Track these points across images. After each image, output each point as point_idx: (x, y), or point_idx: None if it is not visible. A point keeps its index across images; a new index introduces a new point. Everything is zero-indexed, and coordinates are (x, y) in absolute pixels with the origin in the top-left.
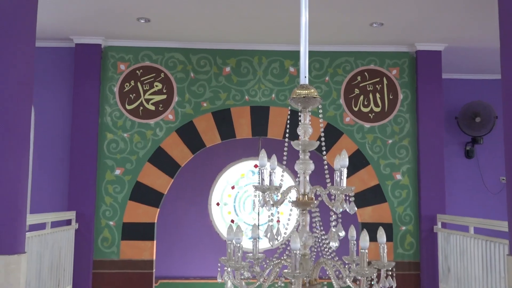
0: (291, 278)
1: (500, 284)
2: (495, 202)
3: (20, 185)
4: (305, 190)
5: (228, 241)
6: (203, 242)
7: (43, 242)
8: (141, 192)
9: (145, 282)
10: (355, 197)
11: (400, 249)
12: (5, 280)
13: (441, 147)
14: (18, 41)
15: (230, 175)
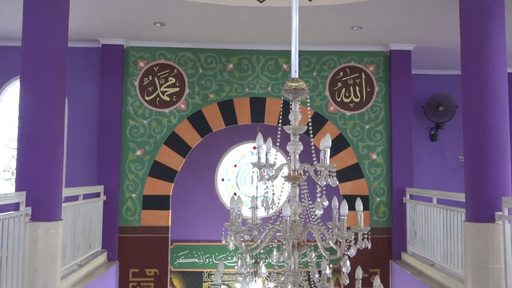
0: (283, 240)
1: (458, 245)
2: (454, 177)
3: (57, 164)
4: (295, 167)
5: (231, 210)
6: (210, 211)
7: (76, 211)
8: (158, 170)
9: (162, 244)
10: (337, 174)
11: (375, 216)
12: (46, 242)
13: (410, 131)
14: (53, 42)
15: (232, 155)
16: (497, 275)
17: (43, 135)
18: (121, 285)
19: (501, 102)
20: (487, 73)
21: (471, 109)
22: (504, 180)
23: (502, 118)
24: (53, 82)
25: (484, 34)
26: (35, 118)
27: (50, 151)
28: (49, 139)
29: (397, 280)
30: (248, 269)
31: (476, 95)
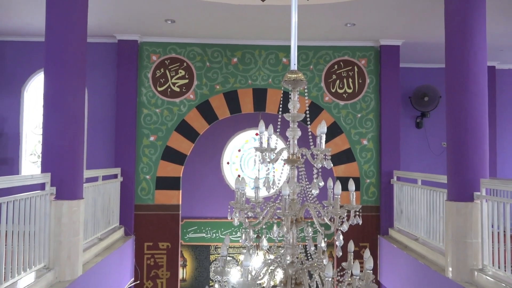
0: (282, 217)
1: (439, 222)
2: (437, 161)
3: (78, 149)
4: (294, 151)
5: (236, 190)
6: (216, 191)
7: (96, 191)
8: (169, 154)
9: (173, 221)
10: (331, 157)
11: (365, 196)
12: (69, 219)
13: (398, 119)
14: (74, 37)
15: (237, 141)
16: (475, 249)
17: (66, 122)
18: (137, 257)
19: (481, 93)
20: (469, 66)
21: (453, 99)
22: (482, 163)
23: (482, 107)
24: (74, 74)
25: (467, 30)
26: (58, 107)
27: (72, 136)
28: (71, 125)
29: (385, 253)
30: (251, 243)
31: (458, 86)
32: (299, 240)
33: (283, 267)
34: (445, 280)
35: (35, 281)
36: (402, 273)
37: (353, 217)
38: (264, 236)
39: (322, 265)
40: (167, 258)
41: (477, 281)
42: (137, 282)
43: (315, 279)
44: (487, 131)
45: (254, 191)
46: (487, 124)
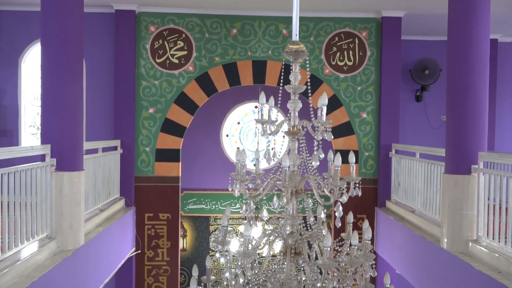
0: (282, 188)
1: (436, 194)
2: (436, 135)
3: (77, 120)
4: (294, 123)
5: (237, 161)
6: (216, 163)
7: (97, 163)
8: (169, 126)
9: (173, 192)
10: (331, 131)
11: (363, 169)
12: (70, 190)
13: (398, 93)
14: (70, 7)
15: (236, 114)
16: (470, 220)
17: (64, 93)
18: (138, 227)
19: (482, 66)
20: (471, 39)
21: (454, 72)
22: (481, 137)
23: (482, 81)
24: (71, 44)
25: (470, 2)
26: (55, 78)
27: (71, 108)
28: (69, 97)
29: (381, 225)
30: (251, 214)
31: (460, 59)
32: (299, 211)
33: (282, 237)
34: (440, 251)
35: (39, 250)
36: (398, 243)
37: (352, 188)
38: (264, 207)
39: (321, 236)
40: (167, 228)
41: (471, 252)
42: (139, 251)
43: (314, 249)
44: (487, 105)
45: (254, 163)
46: (487, 98)
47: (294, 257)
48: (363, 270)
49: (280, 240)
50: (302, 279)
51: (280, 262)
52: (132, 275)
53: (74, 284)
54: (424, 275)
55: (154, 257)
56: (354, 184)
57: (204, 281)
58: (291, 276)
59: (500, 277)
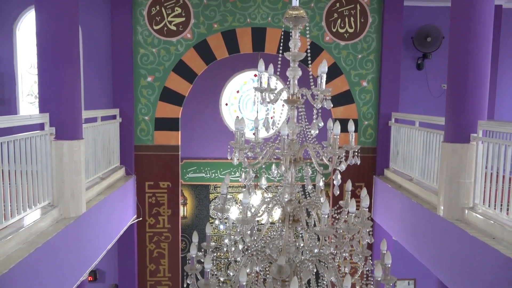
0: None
1: (434, 163)
2: (436, 104)
3: (75, 88)
4: (294, 91)
5: (236, 130)
6: (215, 132)
7: (96, 131)
8: (168, 94)
9: (173, 161)
10: (331, 100)
11: (362, 138)
12: (71, 158)
13: (399, 61)
14: None
15: (235, 82)
16: (467, 188)
17: (60, 61)
18: (138, 195)
19: (486, 33)
20: (475, 5)
21: (457, 39)
22: (481, 106)
23: (485, 49)
24: (66, 10)
25: None
26: (51, 45)
27: (68, 75)
28: (66, 64)
29: (379, 193)
30: (250, 182)
31: (463, 26)
32: (298, 180)
33: (281, 205)
34: (436, 218)
35: (41, 217)
36: (395, 211)
37: (351, 157)
38: (263, 175)
39: (319, 203)
40: (167, 196)
41: (466, 219)
42: (140, 219)
43: (312, 217)
44: (488, 73)
45: (253, 132)
46: (489, 66)
47: (292, 224)
48: (360, 236)
49: (279, 207)
50: (300, 245)
51: (278, 229)
52: (134, 241)
53: (77, 251)
54: (420, 241)
55: (155, 224)
56: (353, 153)
57: (204, 247)
58: (289, 243)
59: (494, 243)
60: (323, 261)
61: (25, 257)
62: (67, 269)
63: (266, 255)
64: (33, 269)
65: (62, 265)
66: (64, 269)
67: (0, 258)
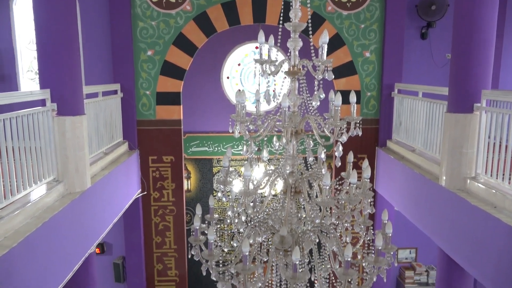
0: (282, 129)
1: (437, 133)
2: (439, 74)
3: (75, 63)
4: (295, 62)
5: (236, 102)
6: (217, 106)
7: (98, 107)
8: (168, 68)
9: (175, 135)
10: (333, 71)
11: (365, 109)
12: (73, 134)
13: (402, 30)
14: None
15: (236, 55)
16: (469, 158)
17: (59, 36)
18: (142, 169)
19: (491, 0)
20: None
21: (462, 6)
22: (485, 75)
23: (491, 16)
24: None
25: None
26: (49, 20)
27: (67, 51)
28: (64, 39)
29: (381, 164)
30: (252, 154)
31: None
32: (299, 152)
33: (283, 177)
34: (438, 188)
35: (47, 193)
36: (397, 182)
37: (353, 128)
38: (265, 148)
39: (321, 175)
40: (171, 170)
41: (468, 189)
42: (144, 193)
43: (314, 188)
44: (493, 42)
45: (255, 105)
46: (494, 34)
47: (294, 196)
48: (361, 207)
49: (281, 179)
50: (302, 216)
51: (281, 200)
52: (140, 215)
53: (83, 224)
54: (422, 211)
55: (160, 198)
56: (354, 124)
57: (208, 219)
58: (291, 214)
59: (495, 211)
60: (324, 231)
61: (33, 231)
62: (75, 242)
63: (268, 226)
64: (41, 243)
65: (69, 239)
66: (71, 242)
67: (9, 232)
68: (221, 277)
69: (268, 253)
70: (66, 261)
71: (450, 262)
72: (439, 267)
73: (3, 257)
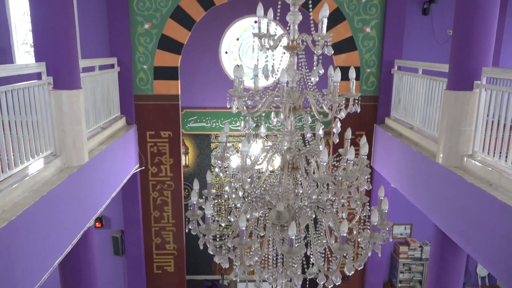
0: (280, 105)
1: (436, 111)
2: (440, 50)
3: (71, 36)
4: (294, 37)
5: (234, 78)
6: (216, 81)
7: (94, 81)
8: (166, 42)
9: (173, 110)
10: (333, 47)
11: (364, 86)
12: (70, 108)
13: (404, 5)
14: None
15: (235, 29)
16: (467, 136)
17: (53, 7)
18: (140, 144)
19: None
20: None
21: None
22: (487, 52)
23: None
24: None
25: None
26: None
27: (63, 23)
28: (59, 10)
29: (379, 141)
30: (250, 130)
31: None
32: (297, 129)
33: (280, 152)
34: (435, 165)
35: (45, 167)
36: (394, 159)
37: (351, 105)
38: (263, 124)
39: (319, 151)
40: (169, 146)
41: (465, 166)
42: (142, 168)
43: (311, 164)
44: (496, 18)
45: (253, 80)
46: (497, 11)
47: (291, 172)
48: (358, 183)
49: (279, 155)
50: (299, 192)
51: (278, 176)
52: (138, 190)
53: (82, 198)
54: (418, 188)
55: (157, 173)
56: (353, 100)
57: (205, 194)
58: (288, 190)
59: (491, 189)
60: (321, 207)
61: (31, 205)
62: (74, 215)
63: (265, 201)
64: (40, 216)
65: (68, 212)
66: (70, 215)
67: (7, 205)
68: (218, 251)
69: (264, 228)
70: (65, 234)
71: (444, 238)
72: (433, 243)
73: (3, 230)
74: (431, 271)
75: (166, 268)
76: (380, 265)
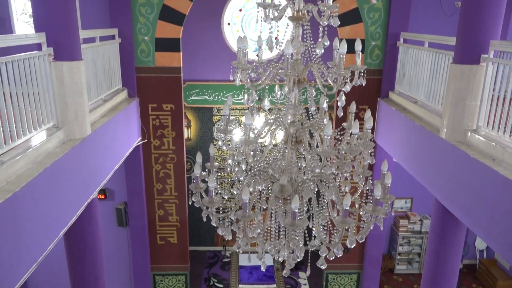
0: (284, 77)
1: (441, 85)
2: (447, 23)
3: (70, 6)
4: (299, 7)
5: (238, 49)
6: (218, 54)
7: (95, 52)
8: (167, 13)
9: (175, 83)
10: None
11: (369, 59)
12: (71, 79)
13: None
14: None
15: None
16: (472, 111)
17: None
18: (142, 117)
19: None
20: None
21: None
22: (495, 25)
23: None
24: None
25: None
26: None
27: None
28: None
29: (383, 115)
30: (253, 103)
31: None
32: (301, 102)
33: (284, 126)
34: (438, 140)
35: (47, 139)
36: (398, 133)
37: (357, 78)
38: (266, 97)
39: (322, 125)
40: (171, 119)
41: (468, 141)
42: (145, 140)
43: (315, 138)
44: None
45: (256, 53)
46: None
47: (295, 145)
48: (361, 157)
49: (282, 129)
50: (302, 165)
51: (281, 150)
52: (140, 162)
53: (85, 170)
54: (421, 163)
55: (160, 146)
56: (358, 73)
57: (208, 167)
58: (291, 163)
59: (494, 164)
60: (324, 181)
61: (35, 176)
62: (77, 187)
63: (268, 175)
64: (44, 188)
65: (71, 184)
66: (74, 187)
67: (11, 177)
68: (221, 223)
69: (267, 201)
70: (69, 206)
71: (444, 212)
72: (434, 217)
73: (7, 201)
74: (430, 244)
75: (169, 239)
76: (380, 238)
